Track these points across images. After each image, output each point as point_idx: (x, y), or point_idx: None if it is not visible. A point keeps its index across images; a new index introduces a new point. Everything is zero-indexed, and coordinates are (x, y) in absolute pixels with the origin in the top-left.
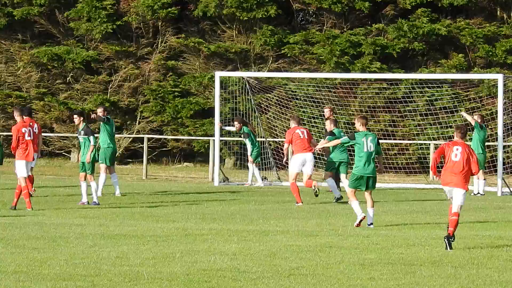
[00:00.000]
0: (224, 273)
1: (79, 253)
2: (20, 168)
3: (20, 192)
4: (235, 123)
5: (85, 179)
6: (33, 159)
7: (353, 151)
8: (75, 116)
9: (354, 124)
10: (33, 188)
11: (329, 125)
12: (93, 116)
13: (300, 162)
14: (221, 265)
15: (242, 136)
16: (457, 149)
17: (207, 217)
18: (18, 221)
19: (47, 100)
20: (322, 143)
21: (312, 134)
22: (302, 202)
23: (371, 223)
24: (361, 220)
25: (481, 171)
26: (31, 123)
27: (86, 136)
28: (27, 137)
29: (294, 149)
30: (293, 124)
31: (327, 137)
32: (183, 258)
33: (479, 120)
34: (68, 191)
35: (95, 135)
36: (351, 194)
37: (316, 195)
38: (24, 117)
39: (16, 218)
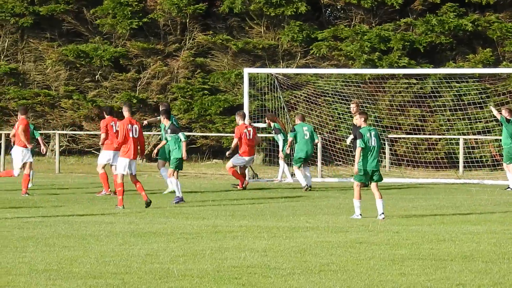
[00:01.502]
0: (254, 269)
1: (109, 251)
2: (120, 165)
3: (122, 188)
4: (265, 119)
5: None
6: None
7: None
8: (161, 117)
9: (382, 120)
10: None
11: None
12: (145, 123)
13: (245, 162)
14: (251, 261)
15: (273, 132)
16: None
17: (237, 214)
18: (48, 219)
19: (75, 98)
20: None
21: (341, 130)
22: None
23: (382, 213)
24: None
25: (511, 165)
26: (113, 122)
27: (175, 134)
28: (131, 135)
29: (241, 149)
30: (240, 121)
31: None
32: (213, 255)
33: (506, 114)
34: (98, 189)
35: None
36: (356, 191)
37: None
38: (106, 116)
39: (46, 216)
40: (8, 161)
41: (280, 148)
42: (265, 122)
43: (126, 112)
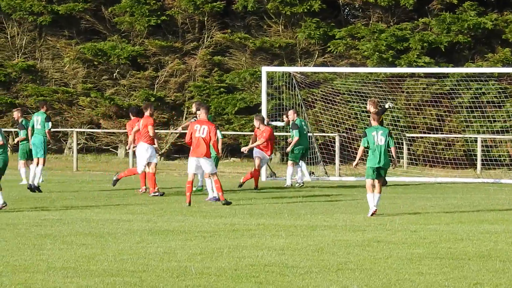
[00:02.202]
0: (272, 268)
1: (127, 249)
2: (190, 164)
3: (191, 186)
4: (289, 113)
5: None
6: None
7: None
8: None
9: (400, 119)
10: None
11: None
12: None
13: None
14: (268, 260)
15: (291, 129)
16: None
17: (255, 213)
18: (66, 217)
19: (93, 96)
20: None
21: (359, 129)
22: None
23: (375, 205)
24: (373, 213)
25: None
26: (138, 123)
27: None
28: (196, 135)
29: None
30: (261, 125)
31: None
32: (231, 253)
33: None
34: (115, 186)
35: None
36: (368, 186)
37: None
38: (132, 117)
39: (64, 214)
40: None
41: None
42: (283, 121)
43: (203, 114)
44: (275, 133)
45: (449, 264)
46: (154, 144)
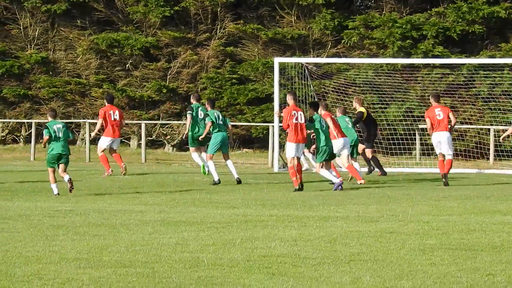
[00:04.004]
0: (284, 259)
1: (139, 239)
2: (289, 148)
3: (294, 170)
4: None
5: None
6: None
7: None
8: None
9: (413, 110)
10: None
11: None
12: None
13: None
14: (281, 251)
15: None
16: None
17: (267, 203)
18: (78, 208)
19: (106, 87)
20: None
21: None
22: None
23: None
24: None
25: None
26: (112, 110)
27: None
28: (294, 121)
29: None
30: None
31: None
32: (243, 244)
33: None
34: (127, 177)
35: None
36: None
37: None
38: (106, 104)
39: (77, 205)
40: (39, 150)
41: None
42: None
43: (290, 101)
44: None
45: (461, 255)
46: None
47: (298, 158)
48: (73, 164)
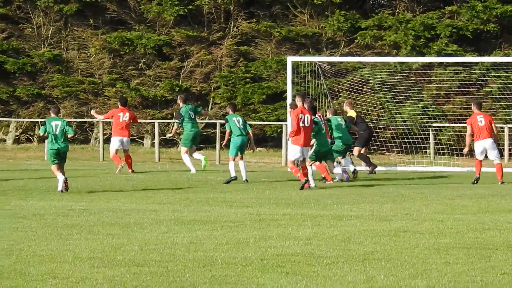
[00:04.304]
0: (298, 258)
1: (153, 238)
2: (292, 151)
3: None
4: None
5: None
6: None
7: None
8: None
9: (427, 109)
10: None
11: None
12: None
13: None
14: (295, 250)
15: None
16: None
17: (281, 202)
18: (92, 207)
19: (119, 87)
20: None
21: (385, 119)
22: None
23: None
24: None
25: None
26: (121, 112)
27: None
28: (300, 124)
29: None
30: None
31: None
32: (257, 243)
33: None
34: (142, 177)
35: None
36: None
37: None
38: (120, 106)
39: (90, 204)
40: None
41: None
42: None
43: (299, 103)
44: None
45: (476, 254)
46: None
47: (304, 160)
48: (86, 163)
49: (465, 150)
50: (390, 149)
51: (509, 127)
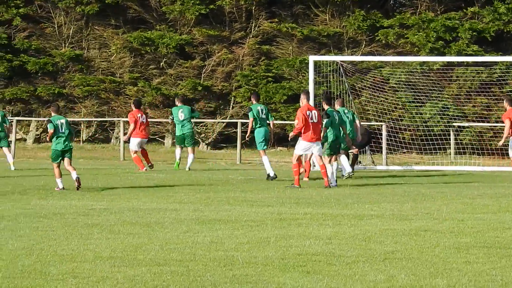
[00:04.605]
0: (318, 257)
1: (174, 238)
2: (300, 146)
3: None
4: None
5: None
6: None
7: None
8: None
9: (448, 109)
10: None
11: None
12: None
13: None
14: (315, 249)
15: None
16: None
17: (302, 202)
18: (113, 206)
19: (140, 86)
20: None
21: (406, 118)
22: None
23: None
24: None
25: None
26: (139, 114)
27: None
28: (309, 120)
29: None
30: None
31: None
32: (278, 242)
33: None
34: (162, 176)
35: None
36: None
37: None
38: (134, 109)
39: (111, 203)
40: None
41: None
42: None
43: (304, 100)
44: None
45: (496, 253)
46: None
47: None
48: (107, 162)
49: (500, 143)
50: (409, 148)
51: None
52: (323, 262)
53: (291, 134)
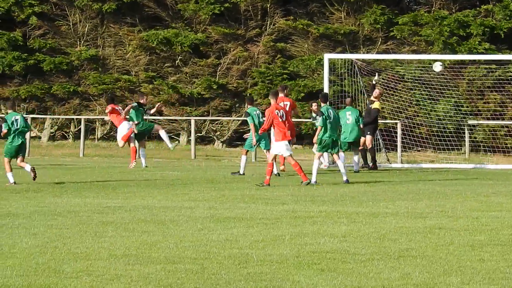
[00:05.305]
0: (333, 255)
1: (189, 236)
2: (280, 147)
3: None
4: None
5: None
6: None
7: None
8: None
9: (461, 106)
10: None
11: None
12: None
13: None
14: (330, 247)
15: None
16: None
17: (317, 199)
18: (127, 204)
19: (156, 84)
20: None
21: (420, 116)
22: None
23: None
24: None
25: None
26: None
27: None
28: (280, 119)
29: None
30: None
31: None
32: (292, 240)
33: None
34: (177, 173)
35: None
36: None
37: None
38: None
39: (125, 201)
40: (88, 146)
41: None
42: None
43: (272, 100)
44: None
45: (510, 251)
46: None
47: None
48: (122, 160)
49: None
50: (424, 147)
51: None
52: (337, 260)
53: (259, 132)
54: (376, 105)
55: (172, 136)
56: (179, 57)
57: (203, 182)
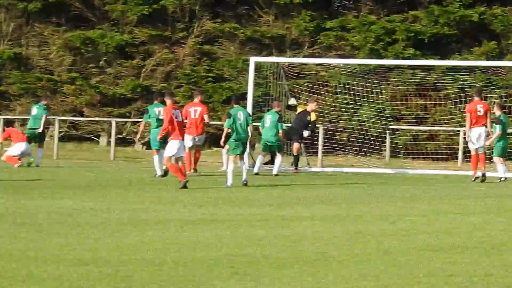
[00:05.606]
0: (248, 258)
1: (103, 238)
2: (172, 146)
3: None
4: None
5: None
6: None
7: None
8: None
9: (384, 111)
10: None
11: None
12: None
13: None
14: (246, 250)
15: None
16: None
17: (234, 203)
18: (43, 205)
19: (78, 84)
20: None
21: (343, 120)
22: None
23: None
24: None
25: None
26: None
27: None
28: (175, 118)
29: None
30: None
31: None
32: (208, 243)
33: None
34: (93, 175)
35: None
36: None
37: None
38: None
39: (43, 202)
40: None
41: None
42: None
43: (168, 100)
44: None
45: (425, 256)
46: None
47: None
48: (43, 161)
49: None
50: (346, 151)
51: (464, 130)
52: (252, 263)
53: (157, 137)
54: (313, 116)
55: (93, 137)
56: (104, 58)
57: (121, 184)
